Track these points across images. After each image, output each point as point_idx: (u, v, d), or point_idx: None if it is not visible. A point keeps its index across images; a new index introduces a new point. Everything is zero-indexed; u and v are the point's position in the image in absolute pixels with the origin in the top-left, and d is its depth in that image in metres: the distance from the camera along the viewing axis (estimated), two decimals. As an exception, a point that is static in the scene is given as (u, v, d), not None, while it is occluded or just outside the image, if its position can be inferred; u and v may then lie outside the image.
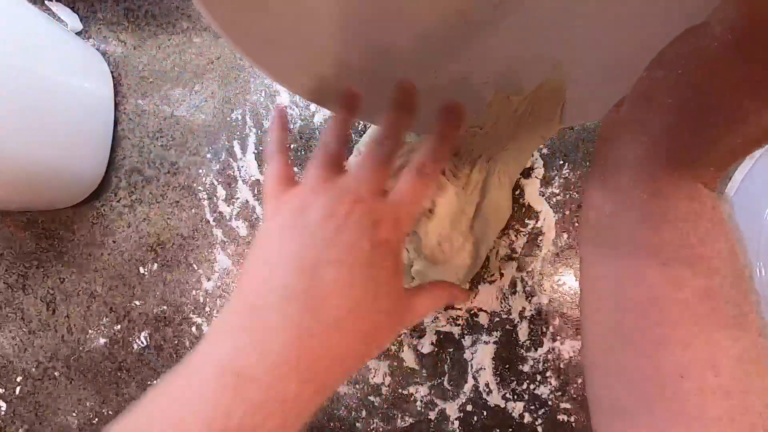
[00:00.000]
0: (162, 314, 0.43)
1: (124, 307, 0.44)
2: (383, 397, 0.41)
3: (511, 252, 0.39)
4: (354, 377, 0.41)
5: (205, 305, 0.43)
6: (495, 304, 0.40)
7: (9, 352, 0.45)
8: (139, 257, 0.43)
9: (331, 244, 0.21)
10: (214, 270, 0.42)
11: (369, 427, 0.41)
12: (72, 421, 0.45)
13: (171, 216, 0.43)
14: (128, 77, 0.43)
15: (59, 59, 0.38)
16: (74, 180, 0.41)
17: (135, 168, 0.43)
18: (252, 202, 0.42)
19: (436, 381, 0.40)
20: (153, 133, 0.43)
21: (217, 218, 0.42)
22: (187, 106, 0.43)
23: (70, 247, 0.44)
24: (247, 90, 0.42)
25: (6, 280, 0.45)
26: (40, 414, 0.45)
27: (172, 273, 0.43)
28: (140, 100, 0.43)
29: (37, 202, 0.42)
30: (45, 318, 0.45)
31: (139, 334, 0.44)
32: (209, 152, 0.42)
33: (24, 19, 0.36)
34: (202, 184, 0.42)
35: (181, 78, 0.43)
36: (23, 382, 0.45)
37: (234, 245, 0.42)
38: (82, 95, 0.40)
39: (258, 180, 0.42)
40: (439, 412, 0.40)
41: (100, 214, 0.44)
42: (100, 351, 0.44)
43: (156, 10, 0.43)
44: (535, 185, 0.39)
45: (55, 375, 0.45)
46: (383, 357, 0.41)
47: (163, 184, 0.43)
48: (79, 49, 0.41)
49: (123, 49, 0.44)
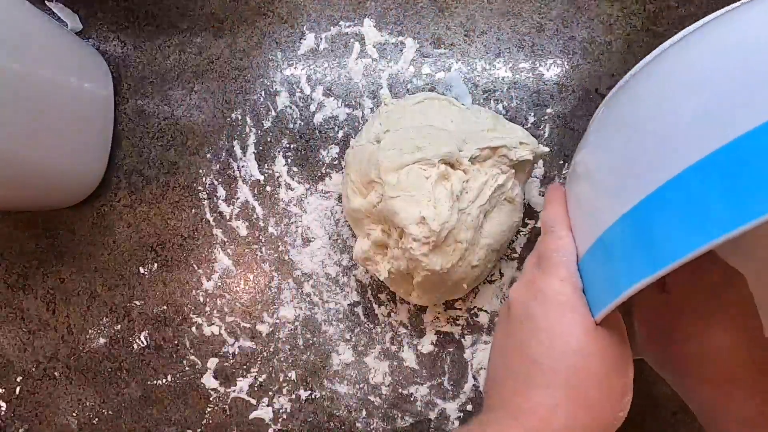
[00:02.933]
0: (162, 314, 0.43)
1: (124, 307, 0.44)
2: (383, 397, 0.41)
3: (511, 252, 0.39)
4: (354, 377, 0.41)
5: (205, 305, 0.43)
6: (495, 303, 0.40)
7: (9, 352, 0.45)
8: (139, 257, 0.43)
9: None
10: (214, 270, 0.42)
11: (369, 427, 0.41)
12: (72, 421, 0.45)
13: (171, 216, 0.43)
14: (128, 77, 0.43)
15: (59, 59, 0.38)
16: (74, 180, 0.41)
17: (135, 168, 0.43)
18: (252, 202, 0.42)
19: (436, 381, 0.40)
20: (153, 133, 0.43)
21: (217, 218, 0.42)
22: (187, 106, 0.43)
23: (70, 247, 0.44)
24: (247, 90, 0.42)
25: (6, 280, 0.45)
26: (40, 414, 0.45)
27: (172, 273, 0.43)
28: (140, 100, 0.43)
29: (37, 202, 0.42)
30: (45, 318, 0.45)
31: (139, 334, 0.44)
32: (209, 152, 0.42)
33: (24, 19, 0.36)
34: (202, 184, 0.43)
35: (181, 78, 0.43)
36: (23, 382, 0.45)
37: (234, 245, 0.42)
38: (82, 95, 0.40)
39: (258, 180, 0.42)
40: (439, 412, 0.40)
41: (100, 214, 0.44)
42: (100, 351, 0.44)
43: (156, 10, 0.43)
44: (535, 185, 0.39)
45: (55, 375, 0.45)
46: (383, 357, 0.41)
47: (163, 184, 0.43)
48: (79, 49, 0.41)
49: (123, 49, 0.44)
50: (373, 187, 0.33)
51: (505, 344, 0.26)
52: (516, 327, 0.25)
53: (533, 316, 0.24)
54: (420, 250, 0.31)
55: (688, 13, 0.38)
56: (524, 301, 0.25)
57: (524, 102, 0.39)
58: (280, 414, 0.42)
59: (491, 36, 0.40)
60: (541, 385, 0.23)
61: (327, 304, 0.41)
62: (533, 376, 0.23)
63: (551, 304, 0.24)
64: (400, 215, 0.31)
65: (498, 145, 0.33)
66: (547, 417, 0.23)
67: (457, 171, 0.32)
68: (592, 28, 0.39)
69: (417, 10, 0.40)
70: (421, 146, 0.32)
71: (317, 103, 0.41)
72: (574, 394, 0.23)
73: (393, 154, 0.32)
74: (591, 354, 0.23)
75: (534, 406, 0.23)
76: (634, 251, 0.19)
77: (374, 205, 0.33)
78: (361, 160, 0.34)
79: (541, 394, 0.23)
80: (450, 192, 0.31)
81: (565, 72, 0.39)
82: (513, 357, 0.25)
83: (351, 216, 0.36)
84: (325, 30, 0.41)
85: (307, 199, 0.41)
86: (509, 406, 0.24)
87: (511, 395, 0.24)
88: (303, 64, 0.41)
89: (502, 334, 0.27)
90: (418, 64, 0.40)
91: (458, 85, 0.40)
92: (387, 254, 0.34)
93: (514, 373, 0.25)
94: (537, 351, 0.24)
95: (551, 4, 0.39)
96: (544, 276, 0.25)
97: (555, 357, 0.23)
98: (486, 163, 0.33)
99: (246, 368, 0.42)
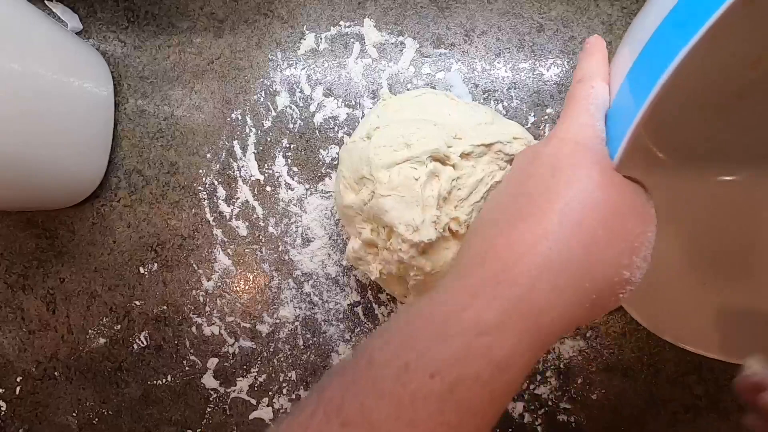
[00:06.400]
0: (162, 314, 0.43)
1: (124, 307, 0.44)
2: (383, 397, 0.41)
3: (511, 252, 0.39)
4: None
5: (205, 305, 0.43)
6: (495, 304, 0.40)
7: (9, 352, 0.45)
8: (139, 257, 0.43)
9: None
10: (214, 270, 0.42)
11: (369, 427, 0.41)
12: (72, 421, 0.45)
13: (171, 216, 0.43)
14: (128, 77, 0.43)
15: (59, 59, 0.38)
16: (74, 180, 0.41)
17: (135, 168, 0.43)
18: (252, 202, 0.42)
19: (436, 381, 0.40)
20: (153, 133, 0.43)
21: (217, 218, 0.42)
22: (187, 106, 0.43)
23: (70, 247, 0.44)
24: (247, 90, 0.42)
25: (6, 280, 0.45)
26: (40, 414, 0.45)
27: (172, 273, 0.43)
28: (140, 100, 0.43)
29: (37, 202, 0.42)
30: (45, 318, 0.45)
31: (139, 334, 0.44)
32: (209, 152, 0.42)
33: (24, 19, 0.36)
34: (202, 184, 0.43)
35: (181, 78, 0.43)
36: (23, 382, 0.45)
37: (234, 245, 0.42)
38: (82, 95, 0.40)
39: (258, 180, 0.42)
40: (439, 412, 0.40)
41: (100, 214, 0.44)
42: (100, 351, 0.44)
43: (156, 10, 0.43)
44: (535, 185, 0.39)
45: (55, 375, 0.45)
46: (383, 357, 0.41)
47: (163, 184, 0.43)
48: (79, 49, 0.41)
49: (123, 49, 0.44)
50: (365, 184, 0.33)
51: (499, 192, 0.22)
52: (517, 171, 0.22)
53: (540, 155, 0.21)
54: (409, 252, 0.31)
55: (688, 13, 0.38)
56: (534, 148, 0.22)
57: (524, 102, 0.39)
58: (280, 414, 0.42)
59: (491, 36, 0.40)
60: (530, 216, 0.19)
61: (327, 304, 0.41)
62: (525, 209, 0.19)
63: (566, 143, 0.20)
64: (390, 213, 0.31)
65: (491, 142, 0.33)
66: (526, 251, 0.18)
67: (447, 167, 0.32)
68: (592, 28, 0.39)
69: (417, 10, 0.40)
70: (410, 143, 0.32)
71: (317, 103, 0.41)
72: (570, 224, 0.18)
73: (384, 151, 0.32)
74: (603, 189, 0.18)
75: (513, 240, 0.18)
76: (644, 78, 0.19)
77: (365, 202, 0.33)
78: (354, 156, 0.34)
79: (528, 226, 0.18)
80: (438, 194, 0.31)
81: (565, 72, 0.39)
82: (505, 199, 0.21)
83: (343, 213, 0.36)
84: (325, 30, 0.41)
85: (307, 199, 0.41)
86: (481, 253, 0.19)
87: (492, 237, 0.19)
88: (303, 64, 0.41)
89: (500, 187, 0.23)
90: (418, 64, 0.40)
91: (458, 85, 0.40)
92: (378, 254, 0.34)
93: (503, 214, 0.20)
94: (536, 183, 0.20)
95: (551, 4, 0.39)
96: (563, 123, 0.21)
97: (555, 187, 0.19)
98: (482, 160, 0.33)
99: (246, 368, 0.42)
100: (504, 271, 0.18)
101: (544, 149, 0.21)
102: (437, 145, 0.31)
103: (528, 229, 0.18)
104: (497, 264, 0.18)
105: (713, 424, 0.38)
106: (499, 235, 0.19)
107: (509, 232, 0.19)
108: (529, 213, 0.19)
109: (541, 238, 0.18)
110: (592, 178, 0.19)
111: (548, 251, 0.18)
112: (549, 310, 0.18)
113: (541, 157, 0.21)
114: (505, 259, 0.18)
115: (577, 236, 0.18)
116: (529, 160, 0.21)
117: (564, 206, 0.18)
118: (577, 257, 0.18)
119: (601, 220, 0.18)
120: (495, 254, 0.19)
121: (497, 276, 0.18)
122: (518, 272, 0.18)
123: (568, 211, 0.18)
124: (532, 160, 0.21)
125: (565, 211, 0.18)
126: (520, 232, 0.18)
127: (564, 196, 0.18)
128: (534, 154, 0.21)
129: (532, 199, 0.19)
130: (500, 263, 0.18)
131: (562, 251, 0.18)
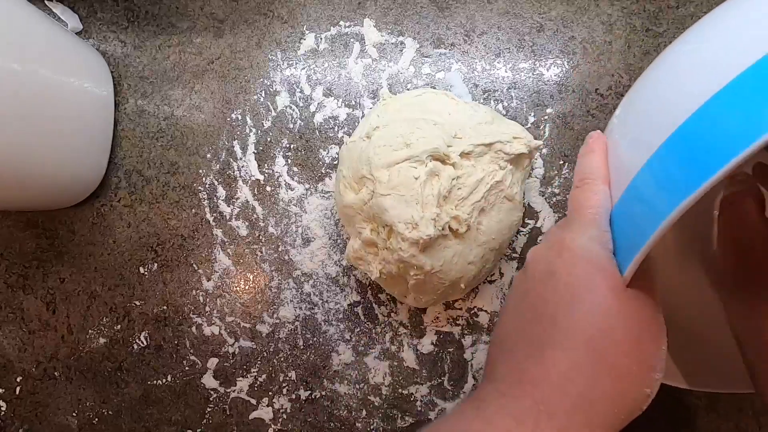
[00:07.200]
0: (162, 314, 0.43)
1: (124, 307, 0.44)
2: (383, 397, 0.41)
3: (511, 252, 0.39)
4: (354, 377, 0.41)
5: (205, 305, 0.43)
6: (495, 304, 0.40)
7: (9, 352, 0.45)
8: (139, 257, 0.43)
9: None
10: (214, 270, 0.42)
11: (369, 427, 0.41)
12: (72, 421, 0.45)
13: (171, 216, 0.43)
14: (128, 77, 0.43)
15: (59, 59, 0.38)
16: (74, 180, 0.41)
17: (135, 168, 0.43)
18: (252, 202, 0.42)
19: (436, 381, 0.40)
20: (153, 133, 0.43)
21: (217, 218, 0.42)
22: (187, 106, 0.43)
23: (70, 247, 0.44)
24: (247, 90, 0.42)
25: (6, 280, 0.45)
26: (40, 414, 0.45)
27: (172, 273, 0.43)
28: (140, 100, 0.43)
29: (37, 202, 0.42)
30: (45, 318, 0.45)
31: (139, 334, 0.44)
32: (209, 152, 0.42)
33: (24, 19, 0.36)
34: (202, 184, 0.43)
35: (181, 78, 0.43)
36: (23, 382, 0.45)
37: (234, 245, 0.42)
38: (82, 95, 0.40)
39: (258, 180, 0.42)
40: (439, 412, 0.40)
41: (100, 214, 0.44)
42: (100, 351, 0.44)
43: (156, 10, 0.43)
44: (535, 185, 0.39)
45: (55, 375, 0.45)
46: (383, 357, 0.41)
47: (163, 184, 0.43)
48: (79, 49, 0.41)
49: (123, 49, 0.44)
50: (365, 184, 0.33)
51: (520, 305, 0.23)
52: (534, 285, 0.23)
53: (555, 272, 0.22)
54: (409, 251, 0.31)
55: (688, 13, 0.38)
56: (546, 259, 0.23)
57: (524, 102, 0.39)
58: (280, 414, 0.42)
59: (491, 36, 0.40)
60: (558, 345, 0.20)
61: (327, 304, 0.41)
62: (550, 335, 0.21)
63: (577, 261, 0.21)
64: (390, 212, 0.31)
65: (491, 141, 0.33)
66: (561, 383, 0.20)
67: (447, 167, 0.32)
68: (592, 28, 0.39)
69: (417, 10, 0.40)
70: (409, 142, 0.32)
71: (317, 103, 0.41)
72: (596, 357, 0.20)
73: (384, 151, 0.32)
74: (618, 315, 0.20)
75: (547, 369, 0.20)
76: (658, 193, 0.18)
77: (365, 201, 0.33)
78: (354, 156, 0.34)
79: (558, 356, 0.20)
80: (438, 193, 0.31)
81: (565, 72, 0.39)
82: (528, 317, 0.22)
83: (343, 213, 0.36)
84: (325, 30, 0.41)
85: (307, 199, 0.41)
86: (516, 373, 0.21)
87: (523, 359, 0.21)
88: (303, 64, 0.41)
89: (517, 295, 0.24)
90: (418, 64, 0.40)
91: (458, 85, 0.40)
92: (378, 254, 0.34)
93: (528, 335, 0.22)
94: (557, 309, 0.21)
95: (551, 4, 0.39)
96: (572, 233, 0.22)
97: (577, 316, 0.20)
98: (482, 159, 0.33)
99: (246, 368, 0.42)
100: (543, 402, 0.20)
101: (558, 266, 0.22)
102: (437, 145, 0.31)
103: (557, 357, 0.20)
104: (536, 392, 0.20)
105: (713, 424, 0.38)
106: (530, 357, 0.21)
107: (539, 355, 0.21)
108: (556, 341, 0.20)
109: (570, 370, 0.20)
110: (610, 307, 0.20)
111: (583, 389, 0.19)
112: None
113: (556, 276, 0.22)
114: (542, 387, 0.20)
115: (606, 370, 0.20)
116: (545, 278, 0.22)
117: (589, 339, 0.20)
118: (608, 394, 0.20)
119: (622, 352, 0.20)
120: (530, 379, 0.20)
121: (537, 405, 0.20)
122: (556, 404, 0.19)
123: (593, 345, 0.20)
124: (547, 278, 0.22)
125: (590, 344, 0.20)
126: (552, 360, 0.20)
127: (586, 329, 0.20)
128: (548, 271, 0.22)
129: (555, 323, 0.21)
130: (538, 391, 0.20)
131: (595, 388, 0.20)
